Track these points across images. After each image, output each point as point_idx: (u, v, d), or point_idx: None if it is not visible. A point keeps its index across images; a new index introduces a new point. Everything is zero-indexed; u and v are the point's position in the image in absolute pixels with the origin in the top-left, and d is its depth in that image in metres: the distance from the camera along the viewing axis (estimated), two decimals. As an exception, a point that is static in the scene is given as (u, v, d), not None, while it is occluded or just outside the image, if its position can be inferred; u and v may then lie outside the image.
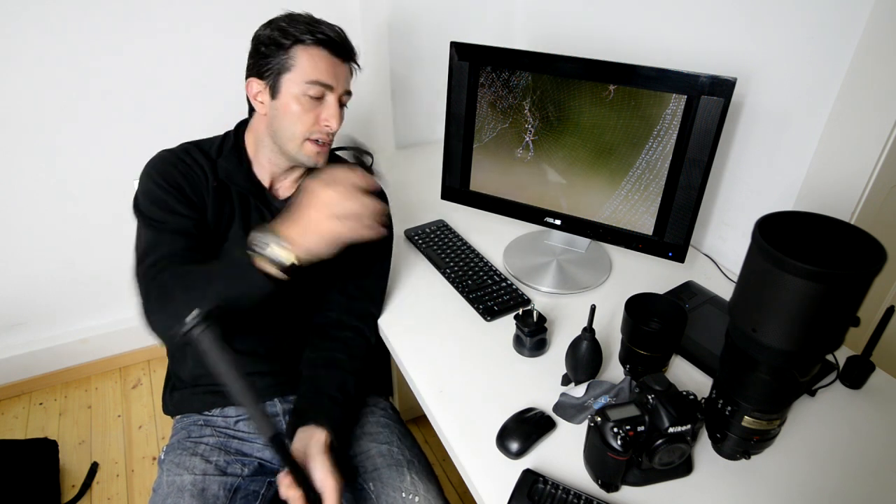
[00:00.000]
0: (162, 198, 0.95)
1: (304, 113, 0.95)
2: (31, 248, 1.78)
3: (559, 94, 1.13)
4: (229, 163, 1.01)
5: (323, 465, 0.86)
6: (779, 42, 1.13)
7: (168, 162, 0.99)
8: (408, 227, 1.42)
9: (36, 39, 1.53)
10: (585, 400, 0.95)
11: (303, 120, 0.95)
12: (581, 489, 0.80)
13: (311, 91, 0.94)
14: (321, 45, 0.94)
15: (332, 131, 0.98)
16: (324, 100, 0.96)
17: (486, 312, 1.15)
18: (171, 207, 0.95)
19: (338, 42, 0.95)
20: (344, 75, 0.98)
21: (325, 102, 0.96)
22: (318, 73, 0.94)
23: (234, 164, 1.02)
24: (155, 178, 0.97)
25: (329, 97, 0.96)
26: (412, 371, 1.03)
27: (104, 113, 1.67)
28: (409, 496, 0.97)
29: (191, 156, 1.01)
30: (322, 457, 0.87)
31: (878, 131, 1.00)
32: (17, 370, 1.92)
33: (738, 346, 0.77)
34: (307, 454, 0.88)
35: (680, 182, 1.08)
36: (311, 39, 0.93)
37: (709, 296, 1.19)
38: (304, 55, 0.93)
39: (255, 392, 0.74)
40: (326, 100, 0.96)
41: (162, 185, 0.96)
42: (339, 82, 0.96)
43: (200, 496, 0.94)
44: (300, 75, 0.93)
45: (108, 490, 1.65)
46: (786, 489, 0.82)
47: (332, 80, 0.95)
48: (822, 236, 0.73)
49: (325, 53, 0.94)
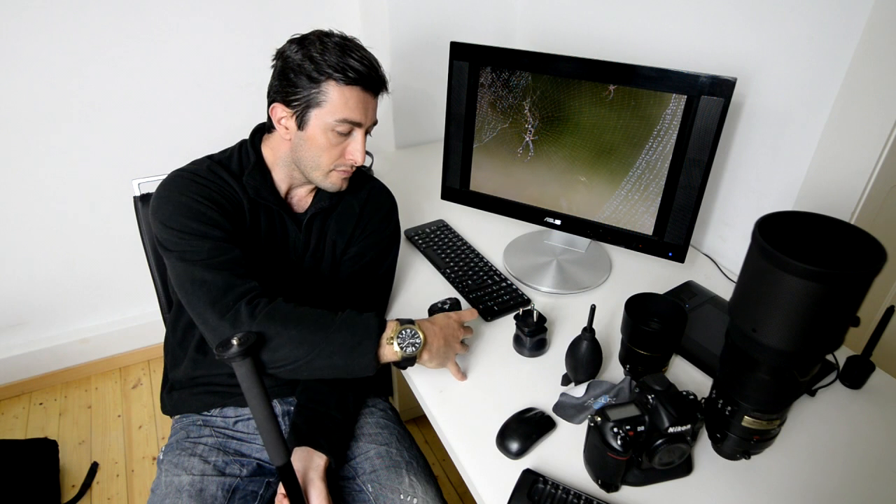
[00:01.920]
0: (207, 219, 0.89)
1: (331, 147, 0.95)
2: (32, 249, 1.78)
3: (559, 94, 1.13)
4: (255, 180, 0.99)
5: (320, 493, 0.89)
6: (779, 42, 1.12)
7: (200, 179, 0.94)
8: (408, 227, 1.42)
9: (35, 40, 1.53)
10: (585, 400, 0.95)
11: (330, 154, 0.96)
12: (581, 489, 0.80)
13: (341, 128, 0.93)
14: (356, 85, 0.92)
15: (357, 164, 0.98)
16: (351, 135, 0.96)
17: (486, 312, 1.15)
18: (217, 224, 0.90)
19: (370, 78, 0.93)
20: (374, 108, 0.97)
21: (352, 137, 0.96)
22: (349, 112, 0.92)
23: (259, 181, 1.00)
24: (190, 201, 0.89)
25: (357, 132, 0.96)
26: (412, 371, 1.03)
27: (104, 113, 1.67)
28: (407, 497, 0.97)
29: (217, 174, 0.97)
30: (320, 484, 0.90)
31: (878, 131, 1.00)
32: (17, 370, 1.92)
33: (738, 346, 0.77)
34: (305, 478, 0.90)
35: (680, 182, 1.08)
36: (343, 79, 0.90)
37: (709, 296, 1.18)
38: (336, 93, 0.91)
39: (276, 421, 0.78)
40: (354, 135, 0.96)
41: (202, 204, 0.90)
42: (368, 117, 0.96)
43: (198, 497, 0.94)
44: (330, 113, 0.92)
45: (108, 490, 1.65)
46: (786, 489, 0.82)
47: (362, 116, 0.94)
48: (822, 236, 0.73)
49: (357, 91, 0.92)
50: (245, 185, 0.99)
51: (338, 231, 1.08)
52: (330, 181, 1.00)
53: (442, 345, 0.94)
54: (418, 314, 1.15)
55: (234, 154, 1.03)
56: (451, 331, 0.96)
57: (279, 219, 1.03)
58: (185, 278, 0.87)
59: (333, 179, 0.99)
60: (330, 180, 0.99)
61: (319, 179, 1.00)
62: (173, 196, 0.91)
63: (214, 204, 0.92)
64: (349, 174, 1.01)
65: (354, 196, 1.10)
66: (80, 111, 1.65)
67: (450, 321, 0.97)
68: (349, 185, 1.07)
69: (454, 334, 0.96)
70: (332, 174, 0.99)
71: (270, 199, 1.01)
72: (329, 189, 1.01)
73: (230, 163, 1.01)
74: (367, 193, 1.12)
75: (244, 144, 1.04)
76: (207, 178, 0.96)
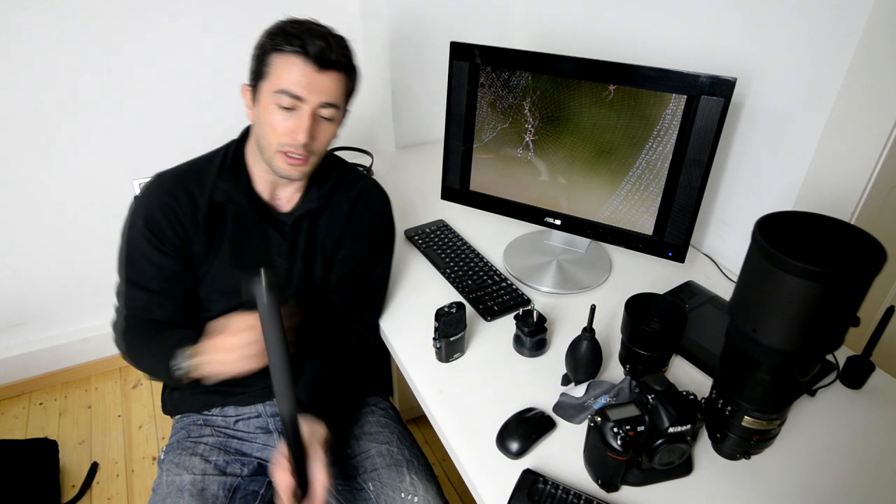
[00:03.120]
0: (139, 247, 0.98)
1: (276, 123, 0.91)
2: (32, 249, 1.78)
3: (559, 94, 1.13)
4: (226, 182, 0.99)
5: (320, 459, 0.86)
6: (779, 42, 1.12)
7: (153, 201, 0.98)
8: (408, 227, 1.42)
9: (36, 40, 1.53)
10: (585, 400, 0.95)
11: (275, 130, 0.91)
12: (581, 489, 0.80)
13: (282, 101, 0.89)
14: (297, 54, 0.88)
15: (299, 144, 0.91)
16: (296, 110, 0.91)
17: (486, 312, 1.15)
18: (147, 257, 0.98)
19: (313, 50, 0.88)
20: (322, 86, 0.90)
21: (296, 113, 0.91)
22: (289, 83, 0.88)
23: (231, 184, 0.99)
24: (137, 221, 0.98)
25: (302, 108, 0.90)
26: (412, 371, 1.03)
27: (104, 114, 1.67)
28: (408, 496, 0.97)
29: (182, 185, 0.98)
30: (321, 451, 0.87)
31: (878, 131, 1.00)
32: (17, 370, 1.92)
33: (738, 346, 0.77)
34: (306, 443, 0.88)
35: (680, 182, 1.08)
36: (286, 49, 0.88)
37: (709, 296, 1.19)
38: (279, 63, 0.89)
39: (290, 368, 0.77)
40: (299, 111, 0.91)
41: (142, 231, 0.97)
42: (312, 93, 0.89)
43: (200, 496, 0.94)
44: (273, 83, 0.90)
45: (108, 490, 1.65)
46: (786, 489, 0.82)
47: (304, 90, 0.89)
48: (822, 236, 0.73)
49: (299, 61, 0.88)
50: (215, 188, 0.98)
51: (328, 232, 1.06)
52: (277, 164, 0.94)
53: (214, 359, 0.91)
54: (419, 315, 1.15)
55: (219, 155, 1.02)
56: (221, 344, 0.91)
57: (255, 224, 1.01)
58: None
59: (279, 163, 0.94)
60: (276, 162, 0.94)
61: (269, 160, 0.95)
62: (126, 230, 1.00)
63: (156, 237, 0.97)
64: (298, 162, 0.94)
65: (345, 195, 1.08)
66: (79, 111, 1.65)
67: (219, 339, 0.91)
68: (341, 183, 1.06)
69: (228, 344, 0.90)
70: (278, 156, 0.93)
71: (245, 203, 0.99)
72: (280, 174, 0.96)
73: (209, 166, 1.01)
74: (357, 192, 1.09)
75: (230, 145, 1.04)
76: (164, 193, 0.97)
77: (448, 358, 1.04)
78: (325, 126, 0.94)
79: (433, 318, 0.99)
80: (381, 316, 1.16)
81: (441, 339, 1.00)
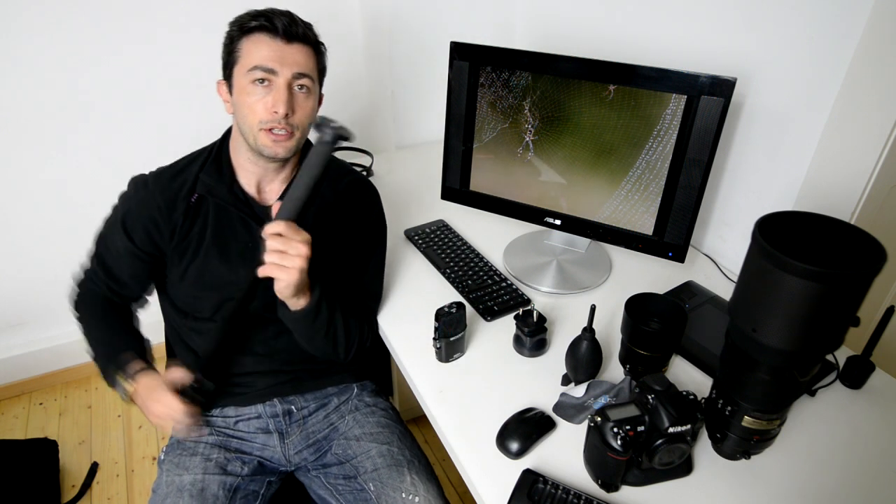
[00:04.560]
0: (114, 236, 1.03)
1: (255, 102, 0.93)
2: (32, 249, 1.78)
3: (559, 94, 1.13)
4: (209, 176, 1.00)
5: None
6: (779, 42, 1.13)
7: (131, 202, 1.02)
8: (408, 227, 1.42)
9: (37, 40, 1.53)
10: (585, 400, 0.95)
11: (254, 109, 0.93)
12: (581, 489, 0.80)
13: (256, 76, 0.91)
14: (261, 31, 0.91)
15: (280, 116, 0.92)
16: (272, 85, 0.92)
17: (486, 312, 1.15)
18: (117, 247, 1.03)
19: (279, 24, 0.91)
20: (293, 58, 0.92)
21: (273, 88, 0.92)
22: (259, 58, 0.91)
23: (214, 178, 1.00)
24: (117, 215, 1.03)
25: (276, 81, 0.92)
26: (412, 371, 1.03)
27: (105, 114, 1.67)
28: (409, 496, 0.97)
29: (161, 183, 1.01)
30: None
31: (878, 131, 1.00)
32: (17, 370, 1.92)
33: (738, 346, 0.77)
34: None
35: (680, 182, 1.08)
36: (253, 25, 0.91)
37: (709, 296, 1.19)
38: (247, 44, 0.92)
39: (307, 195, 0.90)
40: (274, 84, 0.92)
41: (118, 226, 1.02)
42: (284, 65, 0.91)
43: (200, 496, 0.94)
44: (245, 64, 0.92)
45: (108, 490, 1.65)
46: (786, 489, 0.82)
47: (276, 63, 0.91)
48: (822, 236, 0.73)
49: (265, 37, 0.91)
50: (198, 182, 1.00)
51: (317, 227, 1.04)
52: (262, 143, 0.95)
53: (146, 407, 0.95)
54: (418, 314, 1.15)
55: (203, 153, 1.04)
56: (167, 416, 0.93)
57: (239, 218, 1.01)
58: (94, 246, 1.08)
59: (264, 141, 0.94)
60: (261, 142, 0.95)
61: (254, 143, 0.96)
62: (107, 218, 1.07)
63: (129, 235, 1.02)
64: (282, 137, 0.94)
65: (332, 190, 1.07)
66: (80, 111, 1.64)
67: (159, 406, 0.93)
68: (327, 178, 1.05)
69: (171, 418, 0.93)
70: (262, 135, 0.94)
71: (226, 196, 1.00)
72: (266, 154, 0.96)
73: (192, 164, 1.03)
74: (344, 186, 1.09)
75: (215, 143, 1.05)
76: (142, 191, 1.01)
77: (448, 358, 1.04)
78: (303, 99, 0.95)
79: (433, 318, 0.99)
80: (380, 308, 1.16)
81: (441, 339, 1.00)
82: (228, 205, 1.00)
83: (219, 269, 1.01)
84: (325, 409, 1.12)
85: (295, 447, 1.08)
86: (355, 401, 1.14)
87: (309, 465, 1.09)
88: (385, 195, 1.19)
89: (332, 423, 1.11)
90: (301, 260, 0.88)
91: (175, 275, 1.03)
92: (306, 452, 1.09)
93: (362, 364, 1.18)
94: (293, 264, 0.88)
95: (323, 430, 1.10)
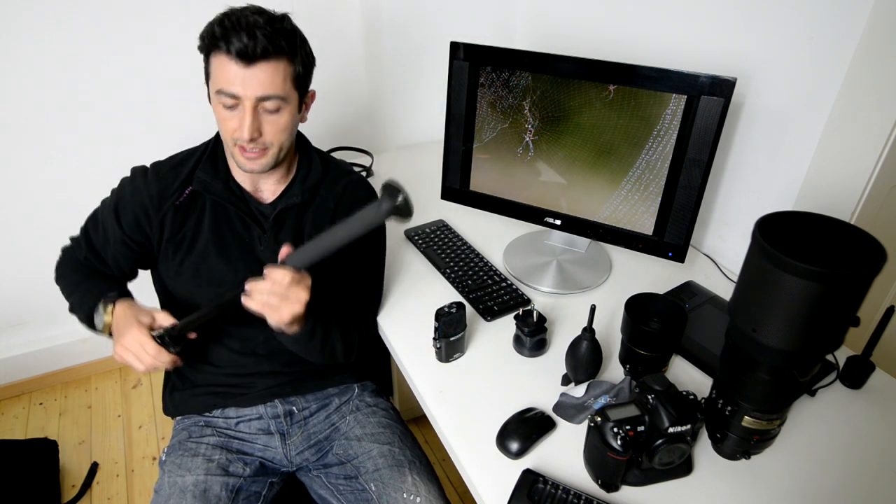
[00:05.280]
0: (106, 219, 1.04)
1: (226, 120, 0.92)
2: (32, 249, 1.78)
3: (559, 94, 1.13)
4: (206, 173, 1.01)
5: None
6: (779, 42, 1.13)
7: (125, 190, 1.03)
8: (408, 227, 1.42)
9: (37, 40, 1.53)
10: (585, 400, 0.95)
11: (226, 127, 0.93)
12: (581, 489, 0.80)
13: (224, 101, 0.90)
14: (225, 53, 0.87)
15: (244, 140, 0.90)
16: (238, 106, 0.90)
17: (486, 312, 1.15)
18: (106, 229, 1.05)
19: (236, 51, 0.85)
20: (256, 80, 0.88)
21: (238, 111, 0.90)
22: (223, 82, 0.88)
23: (210, 175, 1.01)
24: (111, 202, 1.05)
25: (242, 104, 0.89)
26: (412, 371, 1.03)
27: (105, 114, 1.67)
28: (410, 496, 0.97)
29: (157, 174, 1.01)
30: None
31: (878, 131, 1.00)
32: (17, 370, 1.92)
33: (738, 346, 0.77)
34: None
35: (680, 182, 1.08)
36: (214, 47, 0.88)
37: (709, 296, 1.19)
38: (215, 63, 0.89)
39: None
40: (240, 108, 0.90)
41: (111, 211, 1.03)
42: (247, 89, 0.88)
43: (202, 497, 0.94)
44: (213, 84, 0.91)
45: (108, 490, 1.65)
46: (786, 489, 0.82)
47: (238, 87, 0.88)
48: (822, 236, 0.73)
49: (228, 60, 0.87)
50: (195, 178, 1.00)
51: (315, 227, 1.05)
52: (238, 158, 0.95)
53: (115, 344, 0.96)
54: (418, 314, 1.15)
55: (199, 149, 1.05)
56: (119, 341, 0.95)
57: (236, 215, 1.02)
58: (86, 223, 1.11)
59: (238, 157, 0.94)
60: (237, 158, 0.95)
61: (234, 157, 0.96)
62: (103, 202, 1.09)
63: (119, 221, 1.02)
64: (254, 155, 0.93)
65: (330, 191, 1.07)
66: (80, 111, 1.64)
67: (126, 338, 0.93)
68: (325, 178, 1.06)
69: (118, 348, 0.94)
70: (236, 151, 0.94)
71: (222, 193, 1.00)
72: (243, 168, 0.96)
73: (189, 159, 1.03)
74: (342, 187, 1.08)
75: (211, 140, 1.05)
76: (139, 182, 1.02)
77: (448, 358, 1.04)
78: (273, 118, 0.92)
79: (433, 318, 0.99)
80: (380, 309, 1.16)
81: (441, 339, 1.00)
82: (225, 201, 1.01)
83: (217, 265, 1.01)
84: (326, 409, 1.12)
85: (296, 448, 1.08)
86: (356, 401, 1.14)
87: (310, 466, 1.09)
88: (385, 195, 1.19)
89: (334, 423, 1.11)
90: (300, 306, 0.87)
91: (170, 269, 1.03)
92: (308, 453, 1.09)
93: (363, 364, 1.19)
94: (290, 309, 0.87)
95: (324, 430, 1.10)
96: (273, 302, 0.86)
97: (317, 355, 1.02)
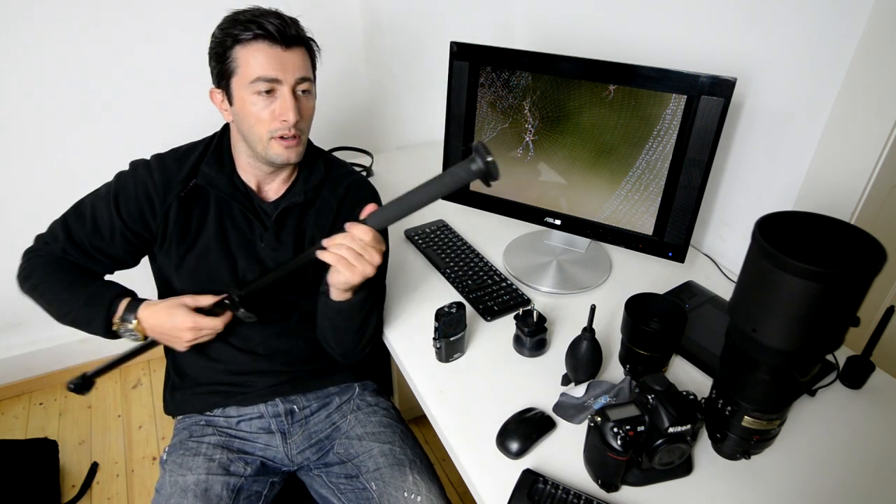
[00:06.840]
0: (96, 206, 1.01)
1: (260, 112, 0.92)
2: (32, 248, 1.78)
3: (559, 94, 1.13)
4: (210, 168, 1.01)
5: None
6: (779, 42, 1.13)
7: (127, 180, 1.01)
8: (408, 228, 1.42)
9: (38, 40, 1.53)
10: (585, 400, 0.95)
11: (261, 119, 0.93)
12: (581, 489, 0.80)
13: (260, 88, 0.90)
14: (258, 39, 0.89)
15: (290, 124, 0.93)
16: (276, 93, 0.92)
17: (486, 312, 1.15)
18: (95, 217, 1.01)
19: (275, 31, 0.89)
20: (293, 63, 0.91)
21: (277, 96, 0.92)
22: (261, 69, 0.89)
23: (215, 170, 1.01)
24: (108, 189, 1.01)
25: (281, 89, 0.92)
26: (412, 371, 1.03)
27: (106, 114, 1.67)
28: (411, 496, 0.97)
29: (161, 165, 1.01)
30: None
31: (878, 131, 1.00)
32: (17, 370, 1.92)
33: (738, 346, 0.77)
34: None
35: (680, 182, 1.08)
36: (248, 36, 0.89)
37: (709, 296, 1.19)
38: (244, 54, 0.90)
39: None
40: (279, 93, 0.92)
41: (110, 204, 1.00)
42: (287, 72, 0.91)
43: (204, 496, 0.94)
44: (245, 76, 0.91)
45: (108, 490, 1.65)
46: (786, 489, 0.82)
47: (278, 71, 0.90)
48: (822, 236, 0.73)
49: (263, 46, 0.89)
50: (199, 172, 1.00)
51: (317, 227, 1.06)
52: (274, 152, 0.95)
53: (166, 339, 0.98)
54: (419, 315, 1.15)
55: (203, 143, 1.05)
56: (175, 332, 0.96)
57: (240, 211, 1.02)
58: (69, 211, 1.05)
59: (276, 150, 0.95)
60: (273, 151, 0.95)
61: (264, 151, 0.96)
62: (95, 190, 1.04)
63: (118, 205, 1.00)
64: (293, 144, 0.95)
65: (332, 191, 1.08)
66: (80, 112, 1.64)
67: (179, 323, 0.95)
68: (328, 178, 1.06)
69: (178, 336, 0.96)
70: (273, 144, 0.94)
71: (226, 188, 1.00)
72: (277, 162, 0.97)
73: (192, 152, 1.03)
74: (345, 189, 1.09)
75: (215, 135, 1.05)
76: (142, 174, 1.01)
77: (448, 358, 1.04)
78: (306, 101, 0.96)
79: (433, 318, 0.99)
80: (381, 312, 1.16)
81: (441, 339, 1.00)
82: (229, 197, 1.01)
83: (218, 261, 1.02)
84: (326, 408, 1.12)
85: (297, 447, 1.08)
86: (357, 400, 1.14)
87: (311, 465, 1.09)
88: (385, 195, 1.19)
89: (334, 422, 1.11)
90: (372, 268, 0.88)
91: (171, 262, 1.02)
92: (308, 452, 1.09)
93: (363, 364, 1.18)
94: (363, 268, 0.87)
95: (325, 429, 1.10)
96: (349, 257, 0.86)
97: (353, 332, 1.01)
